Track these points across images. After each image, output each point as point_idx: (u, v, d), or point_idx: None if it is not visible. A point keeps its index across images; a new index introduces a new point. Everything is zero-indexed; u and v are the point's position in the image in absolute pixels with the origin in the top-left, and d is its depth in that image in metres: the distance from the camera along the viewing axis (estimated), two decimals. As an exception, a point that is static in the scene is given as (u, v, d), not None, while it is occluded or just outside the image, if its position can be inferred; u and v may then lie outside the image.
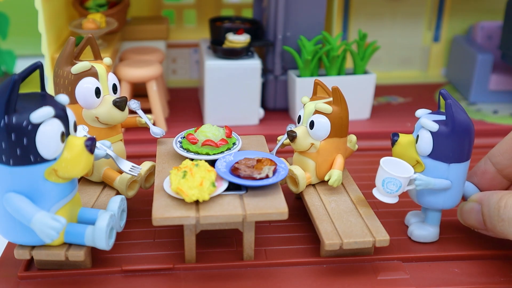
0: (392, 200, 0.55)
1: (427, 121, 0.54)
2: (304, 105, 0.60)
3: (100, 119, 0.59)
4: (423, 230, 0.59)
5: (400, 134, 0.56)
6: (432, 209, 0.58)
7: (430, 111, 0.57)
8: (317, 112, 0.58)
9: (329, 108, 0.57)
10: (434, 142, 0.54)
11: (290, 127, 0.65)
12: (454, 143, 0.53)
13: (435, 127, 0.53)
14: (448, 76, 1.07)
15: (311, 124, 0.58)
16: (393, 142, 0.56)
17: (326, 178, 0.59)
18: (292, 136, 0.59)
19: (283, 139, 0.65)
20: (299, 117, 0.60)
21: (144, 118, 0.64)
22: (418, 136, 0.55)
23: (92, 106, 0.58)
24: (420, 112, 0.56)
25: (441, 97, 0.55)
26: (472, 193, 0.58)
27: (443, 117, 0.54)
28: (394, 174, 0.54)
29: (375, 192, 0.56)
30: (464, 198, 0.59)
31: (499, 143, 0.59)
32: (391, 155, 0.57)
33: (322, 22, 0.87)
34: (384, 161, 0.55)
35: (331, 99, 0.59)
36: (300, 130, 0.59)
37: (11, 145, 0.45)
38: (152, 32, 0.95)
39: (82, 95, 0.58)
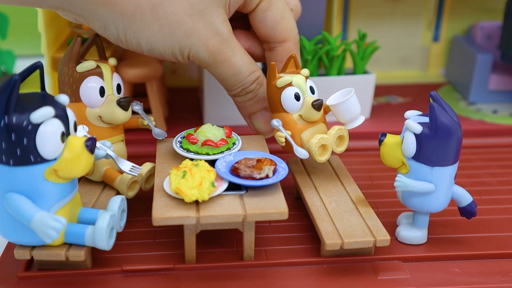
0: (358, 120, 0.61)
1: (411, 122, 0.54)
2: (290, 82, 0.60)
3: (103, 118, 0.59)
4: (410, 232, 0.59)
5: (387, 135, 0.56)
6: (418, 211, 0.58)
7: (420, 112, 0.56)
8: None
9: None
10: (417, 144, 0.54)
11: (277, 121, 0.62)
12: (436, 147, 0.53)
13: (418, 129, 0.53)
14: (447, 76, 1.07)
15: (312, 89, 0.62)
16: (380, 142, 0.56)
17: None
18: (321, 104, 0.60)
19: (283, 131, 0.61)
20: (297, 94, 0.60)
21: (146, 120, 0.64)
22: (404, 137, 0.55)
23: (96, 105, 0.59)
24: (408, 114, 0.56)
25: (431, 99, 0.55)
26: (462, 197, 0.57)
27: None
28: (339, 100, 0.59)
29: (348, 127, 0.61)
30: (455, 202, 0.58)
31: None
32: None
33: (322, 22, 0.87)
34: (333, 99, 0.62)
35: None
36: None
37: (11, 145, 0.45)
38: (152, 32, 0.95)
39: (86, 94, 0.58)
